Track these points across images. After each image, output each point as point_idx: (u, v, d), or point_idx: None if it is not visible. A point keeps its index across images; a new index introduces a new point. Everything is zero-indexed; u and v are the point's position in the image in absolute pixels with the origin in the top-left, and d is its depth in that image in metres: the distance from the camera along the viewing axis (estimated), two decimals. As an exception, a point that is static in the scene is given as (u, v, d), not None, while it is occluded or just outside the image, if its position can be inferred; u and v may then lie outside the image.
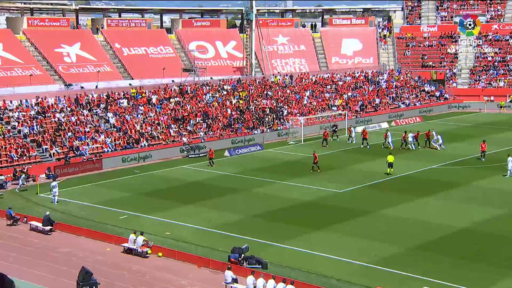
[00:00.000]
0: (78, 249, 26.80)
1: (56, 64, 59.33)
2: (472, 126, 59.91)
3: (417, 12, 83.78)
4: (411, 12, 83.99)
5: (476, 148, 46.81)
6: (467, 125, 60.53)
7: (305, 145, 50.78)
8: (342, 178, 39.14)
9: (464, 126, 59.76)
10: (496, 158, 43.80)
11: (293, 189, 36.35)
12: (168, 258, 25.69)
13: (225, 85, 59.72)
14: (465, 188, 36.05)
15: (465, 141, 51.26)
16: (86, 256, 25.93)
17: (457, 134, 55.18)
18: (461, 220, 29.81)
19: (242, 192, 35.90)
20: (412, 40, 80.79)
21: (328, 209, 32.22)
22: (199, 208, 32.57)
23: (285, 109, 57.82)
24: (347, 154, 46.97)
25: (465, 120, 63.74)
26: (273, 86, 62.91)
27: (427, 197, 34.08)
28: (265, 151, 48.75)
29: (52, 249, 26.95)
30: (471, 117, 65.53)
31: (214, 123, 51.98)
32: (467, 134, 54.88)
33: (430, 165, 42.20)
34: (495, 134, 54.24)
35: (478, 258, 25.07)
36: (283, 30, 77.32)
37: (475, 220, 29.69)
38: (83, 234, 28.50)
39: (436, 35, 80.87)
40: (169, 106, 52.68)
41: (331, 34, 79.06)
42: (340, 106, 61.75)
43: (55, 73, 58.53)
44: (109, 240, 27.61)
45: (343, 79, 69.39)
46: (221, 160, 45.70)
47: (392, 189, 36.10)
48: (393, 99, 67.73)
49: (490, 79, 73.61)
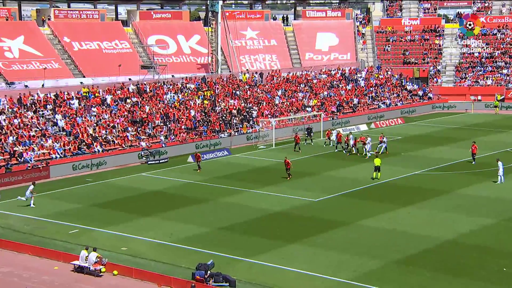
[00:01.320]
0: (21, 269, 26.36)
1: (-4, 60, 58.41)
2: (458, 128, 61.01)
3: (398, 3, 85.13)
4: (391, 4, 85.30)
5: (463, 152, 47.68)
6: (453, 127, 61.62)
7: (277, 149, 50.97)
8: (317, 185, 39.40)
9: (450, 128, 60.82)
10: (484, 163, 44.64)
11: (264, 199, 36.44)
12: (124, 276, 25.48)
13: (188, 84, 59.60)
14: (450, 196, 36.65)
15: (451, 145, 52.17)
16: (31, 277, 25.51)
17: (442, 137, 56.11)
18: (446, 231, 30.29)
19: (208, 202, 35.85)
20: (393, 34, 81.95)
21: (302, 220, 32.38)
22: (159, 220, 32.40)
23: (255, 110, 58.00)
24: (322, 159, 47.30)
25: (450, 121, 64.87)
26: (241, 85, 63.04)
27: (410, 206, 34.55)
28: (233, 157, 48.79)
29: (-8, 268, 26.44)
30: (457, 118, 66.73)
31: (176, 125, 51.83)
32: (453, 136, 55.85)
33: (413, 171, 42.79)
34: (483, 136, 55.31)
35: (464, 272, 25.50)
36: (252, 23, 77.59)
37: (461, 231, 30.20)
38: (27, 252, 28.06)
39: (418, 28, 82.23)
40: (125, 107, 52.33)
41: (304, 27, 79.64)
42: (315, 107, 62.21)
43: (-4, 70, 57.60)
44: (57, 257, 27.25)
45: (318, 77, 69.93)
46: (184, 166, 45.56)
47: (372, 197, 36.49)
48: (372, 98, 68.57)
49: (477, 77, 75.12)
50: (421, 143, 53.11)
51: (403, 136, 56.59)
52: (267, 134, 54.40)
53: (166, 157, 47.74)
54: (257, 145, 52.16)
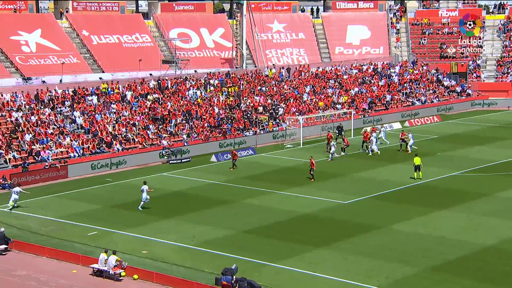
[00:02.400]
0: (39, 272, 26.82)
1: (13, 55, 59.29)
2: (499, 126, 60.34)
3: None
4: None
5: (504, 152, 47.16)
6: (493, 125, 60.96)
7: (304, 149, 50.97)
8: (346, 187, 39.36)
9: (490, 127, 60.20)
10: (526, 164, 44.25)
11: (290, 200, 36.53)
12: (145, 281, 25.78)
13: (212, 80, 59.87)
14: (490, 199, 36.34)
15: (491, 144, 51.66)
16: (48, 280, 25.95)
17: (482, 136, 55.58)
18: (486, 236, 30.08)
19: (232, 203, 36.04)
20: (429, 27, 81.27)
21: (331, 223, 32.41)
22: (181, 223, 32.66)
23: (282, 108, 58.06)
24: (352, 159, 47.20)
25: (490, 119, 64.18)
26: (267, 81, 63.14)
27: (446, 210, 34.36)
28: (258, 156, 48.93)
29: (7, 272, 26.96)
30: (498, 116, 65.97)
31: (199, 123, 52.14)
32: (493, 136, 55.29)
33: (450, 172, 42.51)
34: (525, 136, 54.75)
35: (505, 281, 25.30)
36: (279, 15, 77.61)
37: (502, 237, 29.96)
38: (44, 254, 28.52)
39: (457, 20, 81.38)
40: (146, 104, 52.79)
41: (334, 19, 79.40)
42: (345, 104, 62.07)
43: (11, 65, 58.50)
44: (76, 260, 27.65)
45: (349, 72, 69.72)
46: (207, 166, 45.81)
47: (405, 200, 36.37)
48: (406, 95, 68.13)
49: (519, 72, 74.16)
50: (458, 142, 52.68)
51: (439, 135, 56.18)
52: (294, 133, 54.44)
53: (188, 156, 48.02)
54: (283, 144, 52.25)
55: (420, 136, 54.40)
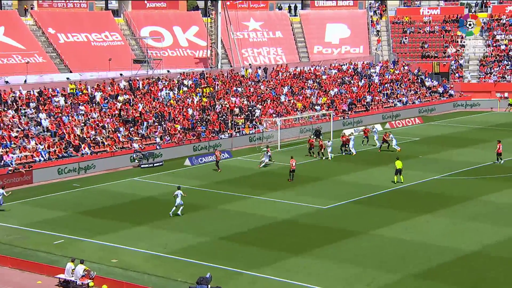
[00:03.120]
0: (1, 283, 26.36)
1: (-26, 54, 58.58)
2: (482, 128, 60.91)
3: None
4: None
5: (488, 155, 47.60)
6: (476, 127, 61.53)
7: (283, 152, 50.95)
8: (326, 191, 39.38)
9: (473, 129, 60.74)
10: (510, 167, 44.55)
11: (268, 206, 36.44)
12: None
13: (186, 80, 59.65)
14: (474, 203, 36.59)
15: (474, 146, 52.10)
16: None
17: (465, 138, 56.04)
18: (469, 242, 30.23)
19: (206, 209, 35.85)
20: (410, 25, 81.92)
21: (310, 229, 32.36)
22: (153, 230, 32.41)
23: (258, 109, 58.02)
24: (332, 162, 47.28)
25: (473, 121, 64.78)
26: (243, 81, 63.07)
27: (429, 214, 34.50)
28: (234, 160, 48.81)
29: (-31, 282, 26.48)
30: (481, 118, 66.62)
31: (172, 125, 51.89)
32: (476, 138, 55.78)
33: (432, 176, 42.75)
34: (510, 138, 55.17)
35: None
36: (256, 13, 77.64)
37: (486, 242, 30.13)
38: (7, 264, 28.07)
39: (438, 19, 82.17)
40: (116, 106, 52.42)
41: (313, 18, 79.64)
42: (324, 105, 62.21)
43: (-27, 65, 57.77)
44: (41, 270, 27.26)
45: (328, 72, 69.93)
46: (180, 170, 45.57)
47: (387, 204, 36.46)
48: (387, 96, 68.52)
49: (503, 72, 74.98)
50: (441, 144, 53.05)
51: (421, 137, 56.54)
52: (271, 135, 54.41)
53: (161, 160, 47.77)
54: (260, 147, 52.18)
55: (401, 138, 54.65)
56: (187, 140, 51.00)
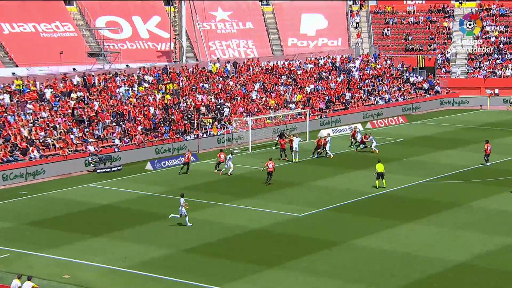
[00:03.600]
0: None
1: None
2: (472, 128, 61.60)
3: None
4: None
5: (477, 157, 48.15)
6: (465, 126, 62.21)
7: (254, 154, 50.97)
8: (302, 198, 39.47)
9: (461, 128, 61.39)
10: (503, 170, 45.15)
11: (238, 214, 36.43)
12: (67, 311, 25.26)
13: (146, 75, 59.41)
14: (462, 210, 36.95)
15: (463, 148, 52.66)
16: (-48, 312, 25.16)
17: (452, 138, 56.61)
18: (458, 252, 30.50)
19: (166, 219, 35.72)
20: (393, 16, 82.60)
21: (285, 239, 32.41)
22: (111, 241, 32.20)
23: (227, 107, 58.01)
24: (307, 166, 47.42)
25: (462, 120, 65.48)
26: (210, 77, 63.00)
27: (414, 223, 34.75)
28: (201, 163, 48.72)
29: None
30: (469, 116, 67.37)
31: (132, 126, 51.65)
32: (465, 138, 56.39)
33: (417, 180, 43.08)
34: (501, 138, 55.93)
35: (480, 301, 25.77)
36: (224, 2, 77.60)
37: (476, 252, 30.42)
38: None
39: (423, 8, 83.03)
40: (69, 104, 52.02)
41: (286, 7, 79.87)
42: (299, 103, 62.41)
43: None
44: (-15, 288, 26.92)
45: (303, 67, 70.17)
46: (141, 175, 45.36)
47: (368, 212, 36.66)
48: (368, 93, 69.00)
49: (494, 67, 75.99)
50: (426, 146, 53.54)
51: (405, 138, 56.99)
52: (241, 136, 54.42)
53: (119, 164, 47.52)
54: (230, 150, 52.15)
55: (383, 139, 55.10)
56: (149, 142, 50.78)
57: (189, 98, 57.85)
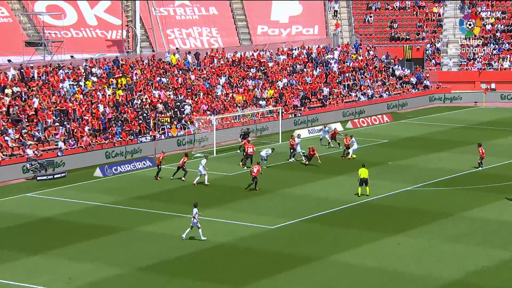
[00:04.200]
0: None
1: None
2: (465, 127, 62.11)
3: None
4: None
5: (471, 160, 48.55)
6: (458, 126, 62.69)
7: (219, 158, 50.89)
8: (275, 207, 39.48)
9: (453, 128, 61.87)
10: (500, 175, 45.58)
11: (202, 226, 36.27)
12: None
13: (95, 68, 59.06)
14: (454, 221, 37.18)
15: (455, 150, 53.04)
16: None
17: (444, 139, 57.01)
18: (450, 268, 30.66)
19: (123, 232, 35.48)
20: (376, 0, 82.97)
21: (255, 255, 32.36)
22: (53, 260, 31.87)
23: (188, 105, 57.88)
24: (280, 171, 47.47)
25: (454, 118, 65.98)
26: (169, 70, 62.80)
27: (400, 235, 34.89)
28: (158, 169, 48.61)
29: None
30: (463, 115, 67.90)
31: (78, 126, 51.30)
32: (458, 139, 56.81)
33: (404, 187, 43.31)
34: (499, 138, 56.38)
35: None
36: (184, -17, 77.53)
37: (470, 268, 30.61)
38: None
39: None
40: (3, 101, 51.52)
41: (256, -10, 79.89)
42: (271, 100, 62.45)
43: None
44: None
45: (275, 58, 70.24)
46: (89, 183, 45.04)
47: (349, 223, 36.75)
48: (349, 88, 69.26)
49: (490, 58, 76.64)
50: (414, 148, 53.87)
51: (391, 139, 57.28)
52: (205, 138, 54.28)
53: (63, 170, 47.16)
54: (191, 153, 52.06)
55: (366, 140, 55.30)
56: (97, 145, 50.48)
57: (144, 94, 57.61)
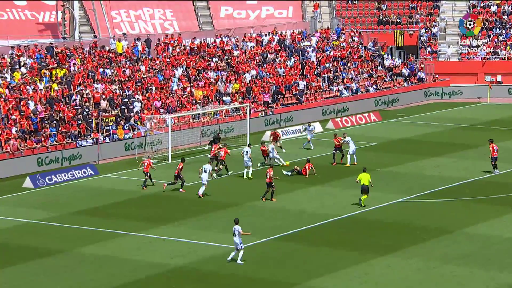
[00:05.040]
0: None
1: None
2: (467, 127, 62.65)
3: None
4: None
5: (474, 166, 48.99)
6: (458, 125, 63.22)
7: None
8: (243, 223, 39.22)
9: (453, 128, 62.39)
10: (506, 184, 46.04)
11: (155, 246, 36.31)
12: None
13: (23, 57, 58.82)
14: (456, 238, 37.37)
15: (455, 155, 53.44)
16: None
17: (442, 142, 57.42)
18: (450, 292, 31.09)
19: (60, 254, 35.35)
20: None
21: (219, 280, 32.46)
22: (-23, 288, 31.82)
23: (138, 102, 57.80)
24: (246, 181, 47.63)
25: (454, 117, 66.43)
26: (114, 60, 62.66)
27: (392, 255, 35.02)
28: (102, 178, 48.50)
29: None
30: (464, 112, 68.44)
31: (4, 127, 51.08)
32: (458, 142, 57.28)
33: (396, 198, 43.50)
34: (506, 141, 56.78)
35: None
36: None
37: (474, 292, 31.10)
38: None
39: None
40: None
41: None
42: (237, 96, 62.55)
43: None
44: None
45: (242, 45, 70.34)
46: (17, 196, 44.83)
47: (331, 241, 36.84)
48: (329, 81, 69.54)
49: (495, 45, 77.30)
50: (407, 152, 54.26)
51: (379, 142, 57.56)
52: (158, 141, 54.23)
53: None
54: (141, 159, 52.00)
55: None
56: (27, 150, 50.33)
57: (85, 88, 57.44)
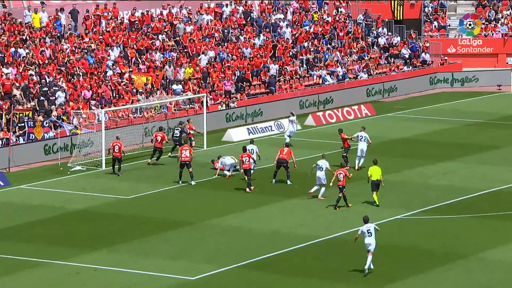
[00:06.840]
0: None
1: None
2: (484, 123, 63.37)
3: None
4: None
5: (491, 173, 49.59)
6: (473, 121, 63.92)
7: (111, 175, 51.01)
8: (199, 248, 39.56)
9: (466, 125, 63.12)
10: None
11: (84, 279, 36.36)
12: None
13: None
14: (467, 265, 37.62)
15: (468, 159, 54.05)
16: None
17: (451, 143, 58.05)
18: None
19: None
20: None
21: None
22: None
23: (62, 91, 57.76)
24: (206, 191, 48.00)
25: (467, 111, 67.15)
26: (31, 36, 62.66)
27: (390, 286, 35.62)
28: (14, 190, 48.66)
29: None
30: (480, 105, 69.18)
31: None
32: (473, 142, 58.03)
33: (394, 214, 43.77)
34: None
35: None
36: None
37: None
38: None
39: None
40: None
41: None
42: (190, 83, 62.74)
43: None
44: None
45: (196, 19, 70.54)
46: None
47: (310, 270, 37.06)
48: (309, 65, 69.90)
49: (517, 19, 78.32)
50: (408, 155, 54.95)
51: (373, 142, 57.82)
52: (88, 142, 54.30)
53: None
54: (68, 165, 52.11)
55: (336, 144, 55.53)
56: None
57: (-7, 74, 57.60)
